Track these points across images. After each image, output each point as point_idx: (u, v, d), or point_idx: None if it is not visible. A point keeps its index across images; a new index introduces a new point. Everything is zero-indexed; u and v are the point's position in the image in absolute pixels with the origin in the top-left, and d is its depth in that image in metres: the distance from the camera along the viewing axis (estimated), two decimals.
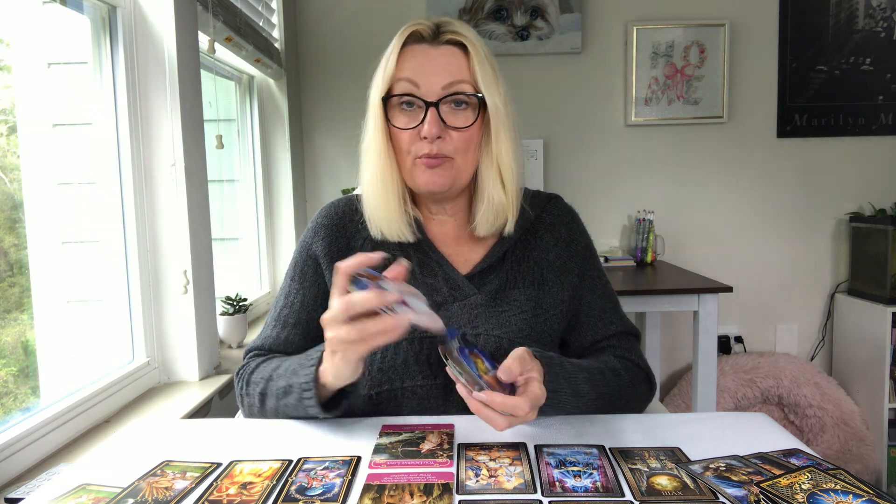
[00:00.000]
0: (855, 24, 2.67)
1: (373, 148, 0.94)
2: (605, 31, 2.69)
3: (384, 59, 0.93)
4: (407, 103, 0.91)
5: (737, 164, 2.73)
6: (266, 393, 0.88)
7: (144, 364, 1.46)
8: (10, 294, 1.23)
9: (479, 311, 0.93)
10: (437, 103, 0.89)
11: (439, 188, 0.92)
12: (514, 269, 0.98)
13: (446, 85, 0.89)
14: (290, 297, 1.00)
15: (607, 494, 0.64)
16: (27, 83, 1.32)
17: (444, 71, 0.89)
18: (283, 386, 0.85)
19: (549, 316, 0.96)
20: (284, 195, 2.50)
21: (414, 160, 0.92)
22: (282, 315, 0.99)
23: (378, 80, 0.93)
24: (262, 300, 2.36)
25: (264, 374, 0.90)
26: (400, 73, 0.91)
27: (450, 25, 0.92)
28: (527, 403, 0.72)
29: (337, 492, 0.65)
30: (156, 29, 1.44)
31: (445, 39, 0.91)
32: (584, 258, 1.02)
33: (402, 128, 0.91)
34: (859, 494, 0.61)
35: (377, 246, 0.98)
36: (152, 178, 1.46)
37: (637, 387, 0.95)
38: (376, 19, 2.65)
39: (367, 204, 0.96)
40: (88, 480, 0.70)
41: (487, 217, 0.95)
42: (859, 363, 2.61)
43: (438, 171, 0.91)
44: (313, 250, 1.00)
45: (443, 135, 0.89)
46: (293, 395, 0.83)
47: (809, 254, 2.77)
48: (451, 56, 0.91)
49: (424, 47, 0.91)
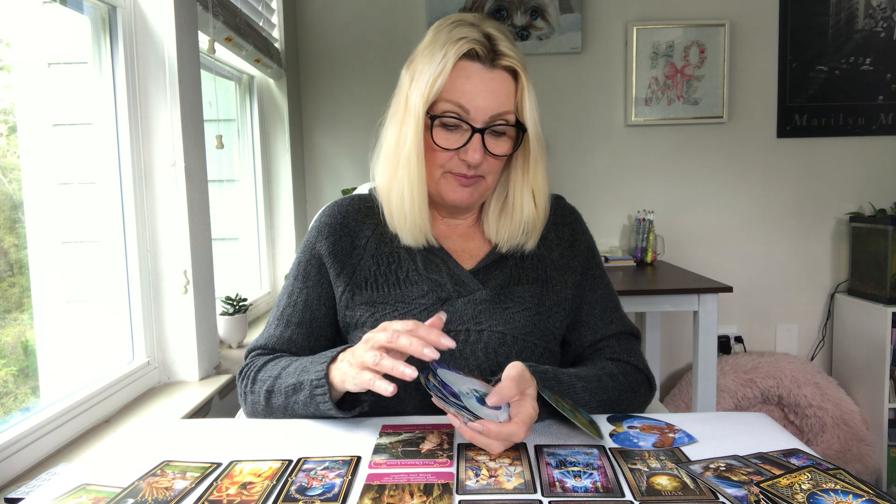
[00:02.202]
0: (855, 24, 2.67)
1: (412, 161, 0.91)
2: (605, 31, 2.69)
3: (433, 68, 0.89)
4: (453, 125, 0.90)
5: (737, 164, 2.73)
6: (273, 391, 0.88)
7: (144, 364, 1.46)
8: (10, 294, 1.23)
9: (483, 306, 0.94)
10: (484, 130, 0.90)
11: (468, 204, 0.96)
12: (518, 265, 0.99)
13: (495, 114, 0.90)
14: (293, 297, 1.00)
15: (607, 494, 0.64)
16: (27, 83, 1.32)
17: (495, 99, 0.89)
18: (293, 383, 0.85)
19: (552, 313, 0.97)
20: (284, 195, 2.50)
21: (444, 174, 0.93)
22: (285, 314, 0.99)
23: (423, 90, 0.89)
24: (262, 300, 2.36)
25: (272, 373, 0.90)
26: (450, 92, 0.89)
27: (501, 44, 0.90)
28: (522, 429, 0.72)
29: (337, 492, 0.65)
30: (156, 29, 1.44)
31: (501, 65, 0.90)
32: (586, 258, 1.03)
33: (444, 147, 0.91)
34: (859, 494, 0.61)
35: (380, 246, 0.99)
36: (152, 178, 1.46)
37: (636, 390, 0.95)
38: (376, 19, 2.65)
39: (395, 211, 0.95)
40: (88, 480, 0.70)
41: (520, 238, 0.98)
42: (859, 363, 2.61)
43: (469, 190, 0.94)
44: (317, 250, 1.00)
45: (483, 161, 0.91)
46: (304, 392, 0.83)
47: (809, 254, 2.77)
48: (502, 83, 0.90)
49: (478, 68, 0.89)
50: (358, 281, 0.97)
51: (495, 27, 0.91)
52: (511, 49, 0.90)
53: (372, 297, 0.96)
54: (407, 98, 0.92)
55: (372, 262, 0.98)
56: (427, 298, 0.94)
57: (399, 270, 0.97)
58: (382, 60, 2.66)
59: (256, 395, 0.91)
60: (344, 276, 0.97)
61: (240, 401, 0.96)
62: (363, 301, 0.96)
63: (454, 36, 0.89)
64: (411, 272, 0.97)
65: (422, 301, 0.94)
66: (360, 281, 0.97)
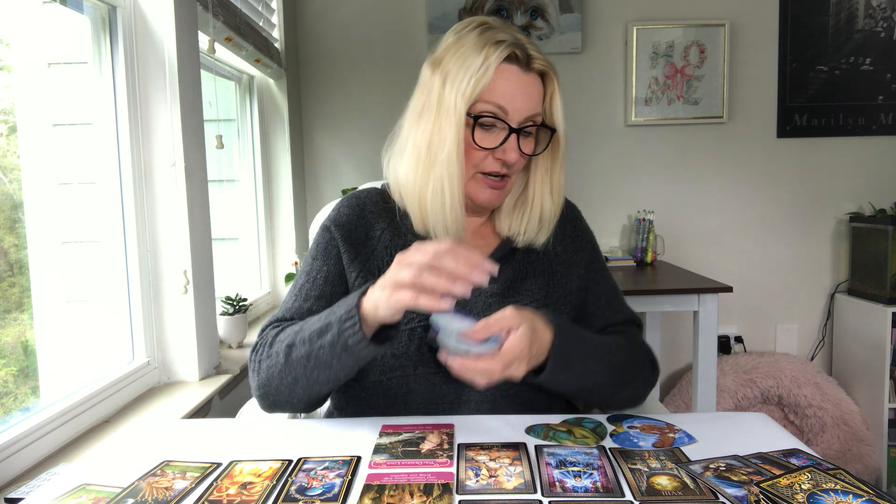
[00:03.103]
0: (855, 24, 2.67)
1: (452, 157, 0.92)
2: (605, 31, 2.69)
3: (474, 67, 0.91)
4: (490, 124, 0.94)
5: (737, 164, 2.73)
6: (294, 343, 0.86)
7: (144, 364, 1.46)
8: (10, 294, 1.23)
9: (493, 299, 0.97)
10: (519, 130, 0.94)
11: (496, 205, 1.01)
12: (525, 260, 1.02)
13: (529, 115, 0.94)
14: (311, 274, 1.00)
15: (607, 494, 0.64)
16: (27, 83, 1.32)
17: (530, 101, 0.94)
18: (318, 327, 0.83)
19: (558, 305, 1.00)
20: (284, 195, 2.50)
21: (475, 174, 0.96)
22: (303, 289, 0.99)
23: (464, 89, 0.91)
24: (262, 300, 2.36)
25: (293, 329, 0.88)
26: (491, 94, 0.92)
27: (531, 48, 0.94)
28: (499, 364, 0.76)
29: (337, 492, 0.65)
30: (156, 29, 1.44)
31: (535, 68, 0.94)
32: (589, 253, 1.08)
33: (482, 147, 0.94)
34: (859, 494, 0.61)
35: (394, 239, 1.00)
36: (152, 178, 1.46)
37: (643, 365, 0.99)
38: (377, 19, 2.65)
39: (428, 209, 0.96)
40: (88, 480, 0.70)
41: (535, 233, 1.01)
42: (859, 363, 2.61)
43: (498, 192, 0.98)
44: (334, 235, 1.01)
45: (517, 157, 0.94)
46: (331, 332, 0.81)
47: (809, 254, 2.77)
48: (536, 86, 0.95)
49: (516, 71, 0.93)
50: (371, 269, 0.98)
51: (519, 31, 0.96)
52: (539, 53, 0.95)
53: None
54: (440, 97, 0.93)
55: (385, 254, 0.99)
56: None
57: None
58: (383, 60, 2.66)
59: (274, 356, 0.88)
60: (358, 262, 0.99)
61: (251, 378, 0.93)
62: None
63: (489, 38, 0.92)
64: None
65: None
66: (374, 270, 0.98)
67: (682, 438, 0.77)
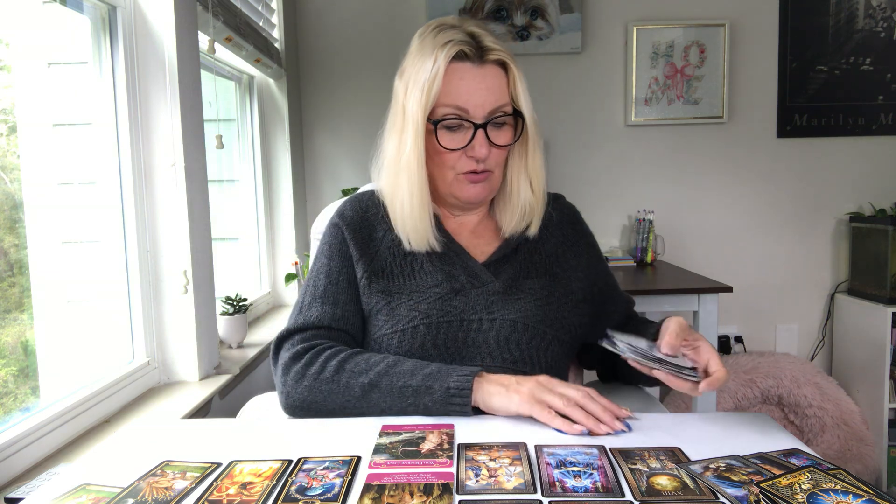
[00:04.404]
0: (855, 24, 2.67)
1: (413, 167, 0.95)
2: (605, 31, 2.69)
3: (426, 75, 0.92)
4: (455, 125, 0.94)
5: (737, 164, 2.73)
6: (378, 385, 0.86)
7: (144, 364, 1.46)
8: (10, 294, 1.23)
9: (495, 297, 0.98)
10: (486, 125, 0.93)
11: (483, 200, 1.01)
12: (527, 259, 1.03)
13: (493, 108, 0.93)
14: (332, 276, 1.00)
15: (607, 494, 0.64)
16: (27, 83, 1.32)
17: (491, 94, 0.93)
18: (417, 385, 0.85)
19: (560, 304, 1.01)
20: (284, 195, 2.50)
21: (456, 175, 0.97)
22: (329, 292, 0.98)
23: (419, 97, 0.92)
24: (262, 300, 2.36)
25: (380, 369, 0.87)
26: (447, 96, 0.93)
27: (485, 40, 0.94)
28: (724, 371, 0.82)
29: (337, 492, 0.65)
30: (156, 29, 1.44)
31: (490, 59, 0.94)
32: (589, 254, 1.10)
33: (450, 148, 0.94)
34: (859, 494, 0.61)
35: (396, 238, 1.01)
36: (152, 178, 1.46)
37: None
38: (376, 19, 2.65)
39: (398, 216, 0.99)
40: (88, 480, 0.70)
41: (518, 221, 1.02)
42: (859, 363, 2.61)
43: (481, 185, 0.98)
44: (343, 233, 1.02)
45: (490, 153, 0.95)
46: (431, 397, 0.84)
47: (809, 254, 2.77)
48: (494, 77, 0.94)
49: (469, 67, 0.93)
50: (375, 269, 1.00)
51: (477, 25, 0.96)
52: (496, 43, 0.94)
53: (388, 286, 0.98)
54: (404, 108, 0.95)
55: (388, 254, 1.01)
56: (441, 288, 0.97)
57: (414, 262, 1.00)
58: (382, 60, 2.66)
59: (343, 384, 0.87)
60: (364, 262, 1.00)
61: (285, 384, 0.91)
62: (379, 289, 0.98)
63: (440, 41, 0.92)
64: (426, 263, 1.00)
65: (436, 290, 0.97)
66: (378, 270, 0.99)
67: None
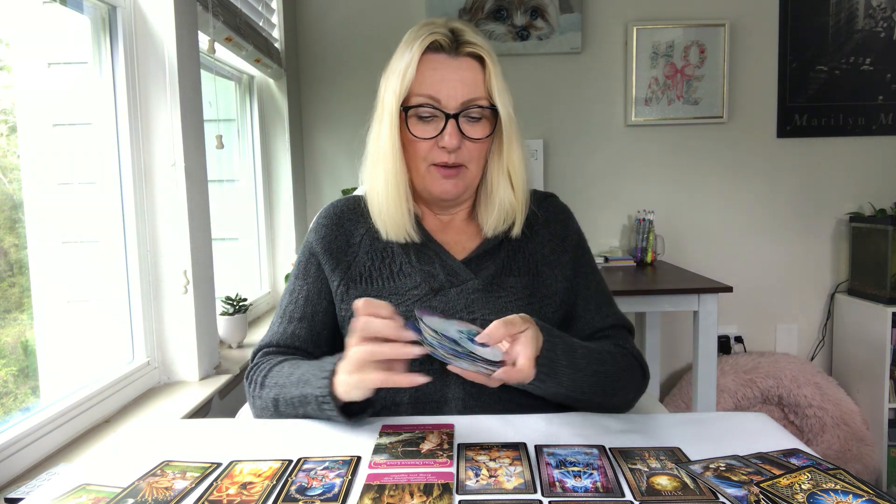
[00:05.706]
0: (855, 24, 2.67)
1: (388, 154, 0.96)
2: (605, 31, 2.69)
3: (402, 64, 0.94)
4: (428, 115, 0.94)
5: (737, 164, 2.73)
6: (279, 399, 0.89)
7: (144, 364, 1.46)
8: (10, 294, 1.23)
9: (475, 296, 0.96)
10: (458, 116, 0.93)
11: (454, 196, 0.98)
12: (509, 257, 1.01)
13: (466, 100, 0.93)
14: (294, 294, 1.03)
15: (607, 494, 0.64)
16: (27, 83, 1.32)
17: (464, 85, 0.93)
18: (298, 396, 0.86)
19: (543, 304, 0.98)
20: (284, 195, 2.50)
21: (428, 167, 0.96)
22: (287, 311, 1.02)
23: (395, 86, 0.94)
24: (262, 300, 2.36)
25: (278, 381, 0.91)
26: (420, 85, 0.93)
27: (465, 34, 0.94)
28: (526, 366, 0.76)
29: (337, 492, 0.65)
30: (156, 29, 1.44)
31: (465, 52, 0.94)
32: (575, 254, 1.05)
33: (421, 137, 0.94)
34: (859, 494, 0.61)
35: (374, 242, 1.01)
36: (152, 178, 1.46)
37: (633, 372, 0.97)
38: (376, 19, 2.65)
39: (375, 206, 0.99)
40: (88, 480, 0.70)
41: (498, 220, 1.00)
42: (859, 363, 2.61)
43: (453, 181, 0.96)
44: (314, 248, 1.03)
45: (460, 145, 0.94)
46: (311, 405, 0.84)
47: (809, 254, 2.77)
48: (469, 70, 0.94)
49: (443, 58, 0.93)
50: (353, 276, 1.00)
51: (461, 23, 0.96)
52: (476, 38, 0.94)
53: (366, 291, 0.98)
54: (383, 99, 0.97)
55: (367, 259, 1.01)
56: (420, 289, 0.97)
57: (392, 264, 1.00)
58: (383, 61, 2.63)
59: (264, 400, 0.92)
60: (339, 272, 1.00)
61: (248, 402, 0.97)
62: (358, 294, 0.98)
63: (421, 34, 0.94)
64: (405, 265, 0.99)
65: (415, 292, 0.97)
66: (356, 276, 1.00)
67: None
